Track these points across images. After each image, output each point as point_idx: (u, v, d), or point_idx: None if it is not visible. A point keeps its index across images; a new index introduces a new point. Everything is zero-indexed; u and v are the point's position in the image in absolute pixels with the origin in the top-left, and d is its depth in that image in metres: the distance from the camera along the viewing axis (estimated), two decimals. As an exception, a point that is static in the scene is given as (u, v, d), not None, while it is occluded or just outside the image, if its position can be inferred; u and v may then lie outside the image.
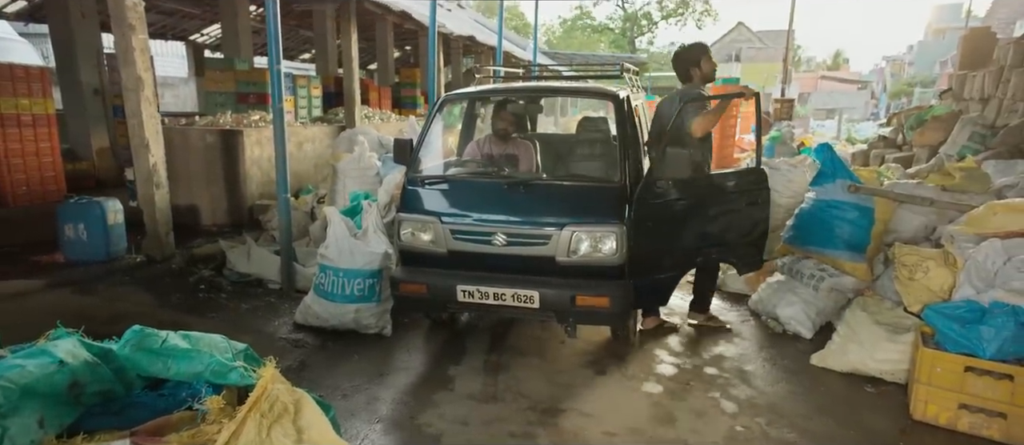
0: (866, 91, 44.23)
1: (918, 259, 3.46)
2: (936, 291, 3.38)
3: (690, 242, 3.55)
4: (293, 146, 6.66)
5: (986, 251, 3.24)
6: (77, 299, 3.95)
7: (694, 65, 3.81)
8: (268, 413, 1.54)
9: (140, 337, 1.55)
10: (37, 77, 7.35)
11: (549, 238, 3.21)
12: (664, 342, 3.92)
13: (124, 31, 4.32)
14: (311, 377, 3.35)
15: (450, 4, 24.20)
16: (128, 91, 4.46)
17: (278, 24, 4.17)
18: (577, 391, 3.27)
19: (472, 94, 4.04)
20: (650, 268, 3.35)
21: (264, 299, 4.35)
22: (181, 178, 5.91)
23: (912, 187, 4.14)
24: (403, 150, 3.68)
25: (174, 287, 4.35)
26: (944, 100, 8.94)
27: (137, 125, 4.50)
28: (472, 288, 3.27)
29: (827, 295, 4.01)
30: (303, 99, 9.64)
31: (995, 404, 2.73)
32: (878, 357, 3.31)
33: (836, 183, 4.08)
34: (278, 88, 4.27)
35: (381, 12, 7.86)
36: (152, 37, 15.33)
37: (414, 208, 3.45)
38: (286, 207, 4.44)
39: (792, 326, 4.03)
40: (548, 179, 3.50)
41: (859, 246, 3.96)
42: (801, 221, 4.25)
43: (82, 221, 4.62)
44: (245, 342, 3.71)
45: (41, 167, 7.35)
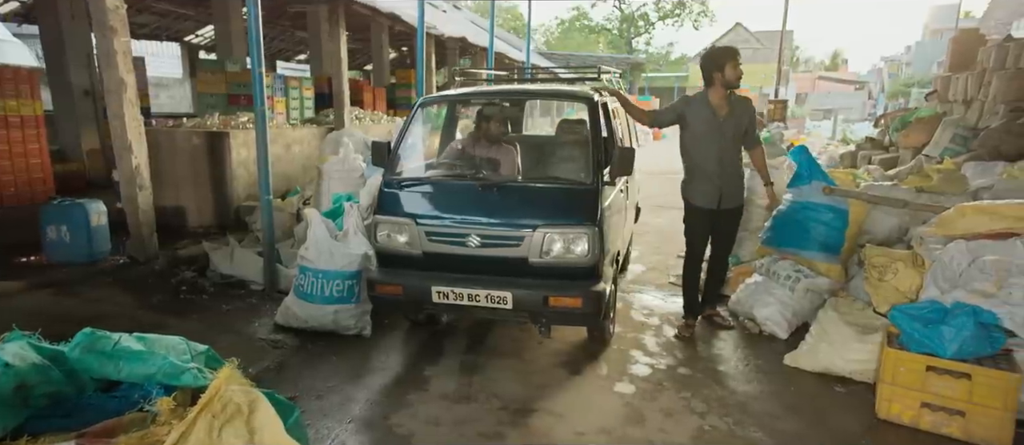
0: (863, 92, 44.36)
1: (888, 260, 3.51)
2: (904, 292, 3.43)
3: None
4: (281, 148, 6.69)
5: (952, 252, 3.29)
6: (57, 301, 3.99)
7: (718, 70, 3.65)
8: (220, 414, 1.57)
9: (91, 339, 1.58)
10: (25, 78, 7.37)
11: (522, 239, 3.25)
12: (641, 342, 3.96)
13: (106, 33, 4.36)
14: (288, 378, 3.38)
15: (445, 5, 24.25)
16: (110, 93, 4.49)
17: (259, 27, 4.20)
18: (550, 391, 3.31)
19: (449, 97, 4.08)
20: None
21: (246, 300, 4.38)
22: (168, 180, 5.94)
23: (886, 189, 4.19)
24: (380, 152, 3.72)
25: (156, 288, 4.39)
26: (930, 102, 8.99)
27: (120, 127, 4.53)
28: (447, 289, 3.31)
29: (803, 296, 4.05)
30: (295, 100, 9.67)
31: (954, 402, 2.78)
32: (848, 357, 3.35)
33: (811, 185, 4.13)
34: (260, 90, 4.31)
35: (371, 13, 7.89)
36: (147, 38, 15.44)
37: (390, 210, 3.49)
38: (268, 209, 4.47)
39: (768, 327, 4.07)
40: (522, 181, 3.54)
41: (834, 247, 4.01)
42: (778, 222, 4.29)
43: (65, 223, 4.65)
44: (224, 343, 3.77)
45: (29, 168, 7.36)
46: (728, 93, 3.68)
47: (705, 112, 3.70)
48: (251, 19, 4.15)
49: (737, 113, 3.69)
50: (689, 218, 3.97)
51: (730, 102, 3.69)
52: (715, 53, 3.72)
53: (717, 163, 3.73)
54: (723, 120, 3.68)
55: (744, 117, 3.73)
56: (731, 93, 3.69)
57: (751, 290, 4.31)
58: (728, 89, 3.68)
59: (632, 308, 4.62)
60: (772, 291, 4.15)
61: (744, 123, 3.72)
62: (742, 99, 3.77)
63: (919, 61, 38.15)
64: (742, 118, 3.71)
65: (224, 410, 1.60)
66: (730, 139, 3.71)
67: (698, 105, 3.72)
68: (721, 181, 3.75)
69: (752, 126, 3.78)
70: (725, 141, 3.70)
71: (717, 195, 3.78)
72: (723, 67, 3.62)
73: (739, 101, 3.73)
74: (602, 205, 3.32)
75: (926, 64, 35.60)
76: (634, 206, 5.19)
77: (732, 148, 3.74)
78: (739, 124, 3.70)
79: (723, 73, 3.63)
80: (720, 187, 3.76)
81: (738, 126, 3.70)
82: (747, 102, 3.79)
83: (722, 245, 4.06)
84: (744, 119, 3.73)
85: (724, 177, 3.75)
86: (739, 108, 3.72)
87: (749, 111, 3.77)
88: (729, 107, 3.69)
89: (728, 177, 3.76)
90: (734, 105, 3.70)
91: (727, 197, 3.78)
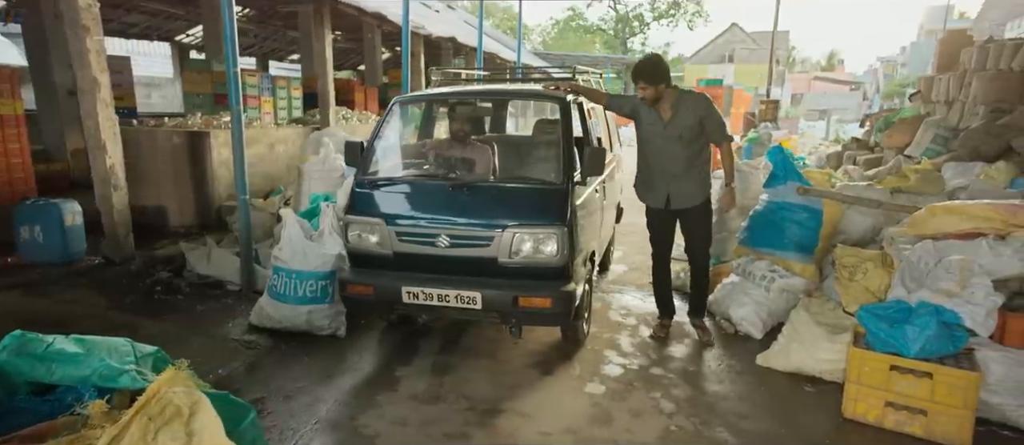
0: (859, 92, 44.45)
1: (858, 260, 3.51)
2: (874, 292, 3.43)
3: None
4: (264, 147, 6.67)
5: (919, 252, 3.29)
6: (26, 301, 3.97)
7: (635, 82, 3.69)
8: (157, 416, 1.56)
9: (20, 342, 1.56)
10: (5, 77, 7.32)
11: (491, 239, 3.24)
12: (616, 343, 3.96)
13: (78, 33, 4.34)
14: (258, 378, 3.37)
15: (440, 5, 24.22)
16: (84, 93, 4.47)
17: (234, 27, 4.18)
18: (520, 392, 3.30)
19: (422, 97, 4.07)
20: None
21: (222, 301, 4.36)
22: (149, 179, 5.91)
23: (860, 189, 4.19)
24: (354, 152, 3.71)
25: (130, 289, 4.36)
26: (914, 102, 9.01)
27: (93, 127, 4.51)
28: (417, 290, 3.30)
29: (778, 296, 4.05)
30: (282, 100, 9.63)
31: (917, 401, 2.78)
32: (818, 357, 3.36)
33: (787, 185, 4.13)
34: (235, 90, 4.29)
35: (358, 13, 7.87)
36: (137, 37, 15.39)
37: (361, 210, 3.47)
38: (245, 208, 4.45)
39: (743, 327, 4.07)
40: (492, 181, 3.53)
41: (808, 247, 4.01)
42: (754, 222, 4.30)
43: (38, 223, 4.63)
44: (196, 343, 3.75)
45: (10, 168, 7.28)
46: (677, 95, 3.60)
47: (651, 115, 3.66)
48: (225, 19, 4.13)
49: (682, 115, 3.57)
50: (646, 217, 3.97)
51: (675, 104, 3.59)
52: (638, 65, 3.63)
53: (661, 164, 3.69)
54: (668, 123, 3.61)
55: (691, 117, 3.57)
56: (680, 94, 3.62)
57: (727, 290, 4.31)
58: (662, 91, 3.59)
59: (610, 308, 4.62)
60: (748, 291, 4.15)
61: (692, 123, 3.57)
62: (692, 98, 3.62)
63: (914, 62, 38.23)
64: (688, 118, 3.56)
65: (162, 412, 1.59)
66: (676, 141, 3.61)
67: (646, 107, 3.67)
68: (666, 182, 3.71)
69: (711, 123, 3.60)
70: (669, 143, 3.63)
71: (664, 195, 3.74)
72: (636, 81, 3.61)
73: (687, 101, 3.59)
74: (572, 205, 3.31)
75: (921, 65, 35.65)
76: (614, 206, 5.18)
77: (679, 149, 3.62)
78: (686, 125, 3.57)
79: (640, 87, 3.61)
80: (667, 187, 3.72)
81: (686, 127, 3.58)
82: (698, 99, 3.62)
83: (691, 247, 3.95)
84: (691, 119, 3.57)
85: (669, 178, 3.69)
86: (686, 109, 3.57)
87: (700, 109, 3.58)
88: (673, 110, 3.59)
89: (675, 178, 3.68)
90: (680, 106, 3.58)
91: (677, 197, 3.72)
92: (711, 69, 42.44)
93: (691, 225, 3.87)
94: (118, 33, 14.12)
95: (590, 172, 3.43)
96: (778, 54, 46.18)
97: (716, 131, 3.66)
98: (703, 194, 3.77)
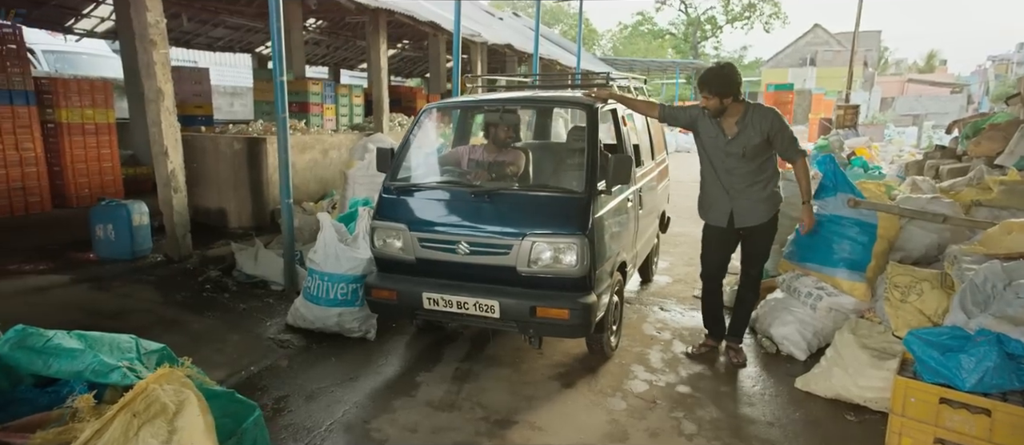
0: (962, 95, 40.87)
1: (912, 280, 3.21)
2: (929, 316, 3.13)
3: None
4: (319, 153, 6.94)
5: (985, 273, 2.96)
6: (91, 294, 4.30)
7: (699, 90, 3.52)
8: (143, 412, 1.63)
9: (21, 335, 1.68)
10: (100, 89, 8.06)
11: (510, 248, 3.20)
12: (645, 357, 3.81)
13: (146, 46, 4.67)
14: (285, 377, 3.48)
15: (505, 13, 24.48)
16: (149, 102, 4.81)
17: (282, 40, 4.36)
18: (537, 403, 3.24)
19: (450, 104, 4.10)
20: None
21: (264, 300, 4.55)
22: (212, 183, 6.29)
23: (922, 202, 3.84)
24: (384, 158, 3.77)
25: (182, 286, 4.64)
26: (1011, 106, 8.18)
27: (157, 133, 4.84)
28: (437, 296, 3.31)
29: (826, 315, 3.78)
30: (344, 107, 10.03)
31: (972, 440, 2.49)
32: (861, 383, 3.09)
33: (837, 197, 3.85)
34: (282, 98, 4.48)
35: (412, 23, 8.06)
36: (222, 50, 16.47)
37: (386, 215, 3.53)
38: (289, 212, 4.64)
39: (785, 346, 3.82)
40: (513, 189, 3.49)
41: (859, 264, 3.71)
42: (800, 236, 4.02)
43: (110, 222, 5.01)
44: (233, 340, 3.91)
45: (102, 171, 8.05)
46: (743, 109, 3.38)
47: (713, 129, 3.46)
48: (273, 32, 4.32)
49: (748, 132, 3.36)
50: (703, 234, 3.77)
51: (742, 120, 3.38)
52: (705, 73, 3.43)
53: (724, 182, 3.49)
54: (730, 140, 3.41)
55: (757, 135, 3.35)
56: (747, 109, 3.39)
57: (771, 307, 4.06)
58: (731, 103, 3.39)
59: (646, 321, 4.46)
60: (792, 309, 3.89)
61: (758, 142, 3.35)
62: (760, 113, 3.38)
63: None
64: (754, 136, 3.35)
65: (148, 409, 1.66)
66: (739, 158, 3.41)
67: (708, 119, 3.47)
68: (730, 199, 3.50)
69: (781, 140, 3.36)
70: (731, 159, 3.44)
71: (726, 213, 3.54)
72: (701, 90, 3.40)
73: (754, 115, 3.37)
74: (594, 215, 3.22)
75: (1041, 62, 32.30)
76: (656, 214, 5.01)
77: (743, 167, 3.42)
78: (752, 144, 3.36)
79: (704, 96, 3.41)
80: (730, 206, 3.51)
81: (751, 146, 3.36)
82: (766, 115, 3.38)
83: (746, 267, 3.72)
84: (757, 137, 3.35)
85: (734, 196, 3.48)
86: (753, 126, 3.36)
87: (767, 124, 3.35)
88: (739, 127, 3.38)
89: (739, 196, 3.47)
90: (746, 123, 3.37)
91: (740, 216, 3.51)
92: (791, 73, 40.50)
93: (752, 246, 3.65)
94: (206, 46, 15.16)
95: (617, 181, 3.32)
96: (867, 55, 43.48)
97: (788, 148, 3.40)
98: (771, 211, 3.51)
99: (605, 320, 3.54)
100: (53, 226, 6.26)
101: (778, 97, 13.25)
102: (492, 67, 19.13)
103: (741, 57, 49.64)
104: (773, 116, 3.38)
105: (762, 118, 3.36)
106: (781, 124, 3.38)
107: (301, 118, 8.66)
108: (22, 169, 7.02)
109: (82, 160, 7.78)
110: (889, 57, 57.62)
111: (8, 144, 6.89)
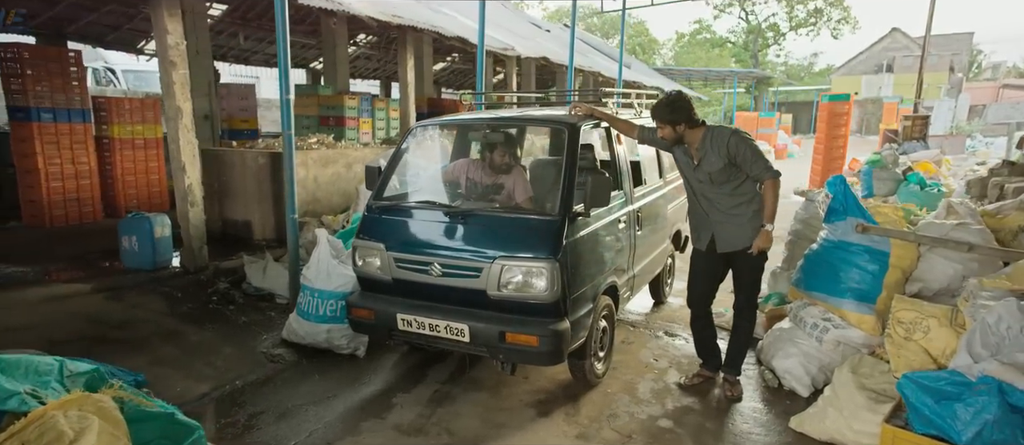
0: (1070, 102, 37.15)
1: (918, 316, 2.90)
2: (936, 357, 2.81)
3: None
4: (343, 167, 7.09)
5: (1000, 312, 2.64)
6: (104, 304, 4.51)
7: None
8: (33, 441, 1.65)
9: (-74, 357, 1.74)
10: (149, 106, 8.58)
11: (480, 270, 3.12)
12: (633, 387, 3.63)
13: (167, 67, 4.90)
14: (265, 393, 3.52)
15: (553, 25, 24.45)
16: (169, 120, 5.04)
17: (288, 56, 4.46)
18: (507, 432, 3.14)
19: (437, 123, 4.06)
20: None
21: (267, 313, 4.65)
22: (239, 195, 6.53)
23: (946, 229, 3.48)
24: (372, 176, 3.78)
25: (191, 297, 4.81)
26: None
27: (176, 149, 5.06)
28: (411, 317, 3.27)
29: (833, 349, 3.49)
30: (381, 121, 10.27)
31: (962, 505, 2.21)
32: (856, 427, 2.82)
33: (847, 221, 3.55)
34: (288, 115, 4.57)
35: (439, 37, 8.15)
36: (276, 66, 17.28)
37: (367, 234, 3.52)
38: (293, 227, 4.72)
39: (788, 381, 3.55)
40: (486, 210, 3.40)
41: (868, 295, 3.41)
42: (808, 262, 3.75)
43: (134, 233, 5.27)
44: (226, 353, 3.99)
45: (149, 184, 8.55)
46: (703, 133, 3.25)
47: (684, 154, 3.37)
48: (280, 49, 4.43)
49: (709, 156, 3.23)
50: (690, 259, 3.59)
51: (702, 144, 3.25)
52: (655, 103, 3.37)
53: (704, 205, 3.36)
54: (697, 166, 3.30)
55: (717, 159, 3.20)
56: (706, 132, 3.24)
57: (775, 337, 3.80)
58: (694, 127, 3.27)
59: (645, 346, 4.27)
60: (796, 340, 3.62)
61: (721, 165, 3.20)
62: (717, 134, 3.23)
63: None
64: (715, 161, 3.21)
65: (40, 437, 1.68)
66: (708, 184, 3.28)
67: (679, 146, 3.38)
68: (711, 223, 3.35)
69: (745, 160, 3.19)
70: (704, 186, 3.31)
71: (707, 237, 3.38)
72: (653, 120, 3.36)
73: (713, 139, 3.23)
74: (570, 238, 3.10)
75: None
76: (666, 233, 4.80)
77: (715, 191, 3.28)
78: (715, 168, 3.22)
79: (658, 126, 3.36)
80: (711, 229, 3.36)
81: (716, 170, 3.22)
82: (722, 135, 3.21)
83: (737, 294, 3.53)
84: (717, 160, 3.20)
85: (715, 220, 3.33)
86: (713, 149, 3.22)
87: (724, 147, 3.18)
88: (701, 152, 3.26)
89: (720, 220, 3.31)
90: (706, 146, 3.24)
91: (723, 240, 3.33)
92: (864, 81, 38.36)
93: (740, 268, 3.45)
94: (263, 63, 15.89)
95: (594, 203, 3.18)
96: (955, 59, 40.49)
97: (754, 168, 3.21)
98: (753, 236, 3.31)
99: (586, 346, 3.40)
100: (97, 235, 6.66)
101: (832, 108, 12.47)
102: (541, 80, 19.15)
103: (810, 64, 47.46)
104: (730, 136, 3.20)
105: (719, 141, 3.20)
106: (741, 144, 3.19)
107: (333, 132, 8.91)
108: (77, 181, 7.54)
109: (131, 172, 8.29)
110: (983, 61, 53.44)
111: (66, 158, 7.43)
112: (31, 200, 7.25)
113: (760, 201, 3.29)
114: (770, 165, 3.25)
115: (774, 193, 3.24)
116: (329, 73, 10.80)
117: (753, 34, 38.55)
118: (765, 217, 3.24)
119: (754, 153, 3.21)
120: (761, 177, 3.23)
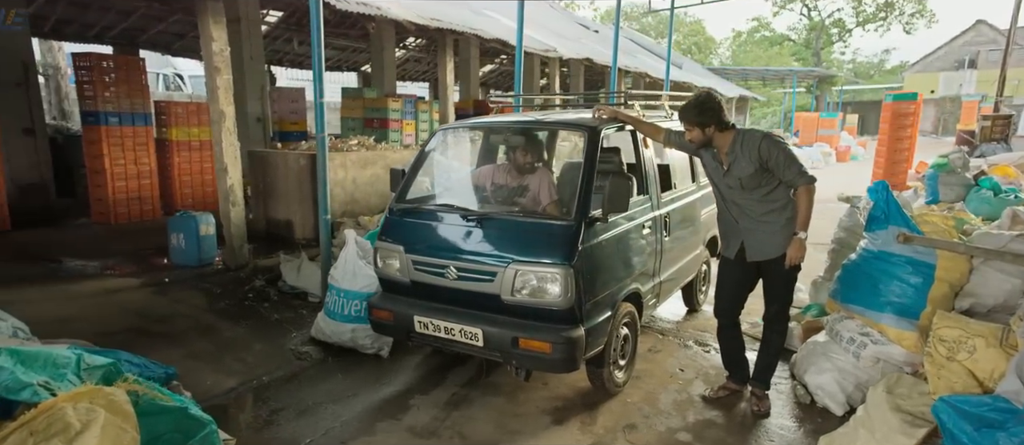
0: None
1: (963, 334, 2.67)
2: (982, 379, 2.58)
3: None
4: (381, 168, 7.22)
5: (1054, 333, 2.40)
6: (148, 298, 4.75)
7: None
8: (41, 431, 1.73)
9: (-53, 350, 1.85)
10: (204, 110, 9.00)
11: (495, 275, 3.09)
12: (654, 397, 3.52)
13: (211, 73, 5.12)
14: (288, 389, 3.61)
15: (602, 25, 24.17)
16: (214, 123, 5.25)
17: (322, 59, 4.56)
18: (520, 438, 3.10)
19: (461, 125, 4.06)
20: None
21: (299, 311, 4.77)
22: (281, 196, 6.75)
23: (1003, 239, 3.20)
24: (396, 178, 3.82)
25: (229, 294, 4.99)
26: None
27: (219, 152, 5.27)
28: (428, 320, 3.28)
29: (871, 366, 3.28)
30: (424, 123, 10.41)
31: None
32: (888, 453, 2.62)
33: (888, 230, 3.32)
34: (321, 117, 4.69)
35: (477, 40, 8.18)
36: (330, 69, 17.84)
37: (387, 236, 3.56)
38: (326, 227, 4.83)
39: (820, 398, 3.36)
40: (503, 215, 3.36)
41: (910, 310, 3.17)
42: (846, 273, 3.53)
43: (182, 231, 5.53)
44: (256, 349, 4.11)
45: (204, 183, 8.98)
46: (733, 137, 3.09)
47: (712, 158, 3.22)
48: (314, 52, 4.53)
49: (739, 161, 3.07)
50: (718, 266, 3.45)
51: (732, 148, 3.09)
52: (683, 104, 3.20)
53: (734, 212, 3.22)
54: (726, 171, 3.15)
55: (747, 164, 3.05)
56: (736, 136, 3.09)
57: (809, 350, 3.60)
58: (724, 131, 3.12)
59: (673, 355, 4.13)
60: (832, 355, 3.42)
61: (749, 169, 3.05)
62: (748, 138, 3.07)
63: None
64: (745, 166, 3.05)
65: (48, 427, 1.76)
66: (738, 189, 3.13)
67: (708, 149, 3.23)
68: (741, 231, 3.21)
69: (777, 166, 3.02)
70: (734, 192, 3.16)
71: (737, 244, 3.24)
72: (681, 121, 3.21)
73: (744, 143, 3.07)
74: (587, 243, 3.03)
75: None
76: (700, 239, 4.64)
77: (746, 197, 3.13)
78: (746, 173, 3.06)
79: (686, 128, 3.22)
80: (740, 236, 3.21)
81: (746, 175, 3.07)
82: (754, 139, 3.05)
83: (768, 305, 3.35)
84: (748, 166, 3.05)
85: (745, 227, 3.19)
86: (742, 153, 3.07)
87: (755, 153, 3.03)
88: (731, 157, 3.10)
89: (751, 227, 3.17)
90: (736, 151, 3.08)
91: (752, 249, 3.18)
92: (942, 78, 36.06)
93: (770, 281, 3.30)
94: (317, 67, 16.43)
95: (612, 208, 3.09)
96: (1051, 53, 37.33)
97: (787, 173, 3.04)
98: (784, 245, 3.14)
99: (605, 354, 3.31)
100: (154, 233, 7.02)
101: (896, 108, 11.74)
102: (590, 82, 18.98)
103: (881, 62, 44.99)
104: (762, 140, 3.04)
105: (750, 145, 3.04)
106: (773, 147, 3.02)
107: (375, 134, 9.10)
108: (139, 181, 8.03)
109: (187, 172, 8.74)
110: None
111: (129, 159, 7.91)
112: (99, 198, 7.77)
113: (793, 208, 3.12)
114: (804, 170, 3.07)
115: (808, 200, 3.06)
116: (376, 76, 11.06)
117: (816, 31, 36.86)
118: (798, 225, 3.07)
119: (787, 157, 3.05)
120: (795, 183, 3.07)
